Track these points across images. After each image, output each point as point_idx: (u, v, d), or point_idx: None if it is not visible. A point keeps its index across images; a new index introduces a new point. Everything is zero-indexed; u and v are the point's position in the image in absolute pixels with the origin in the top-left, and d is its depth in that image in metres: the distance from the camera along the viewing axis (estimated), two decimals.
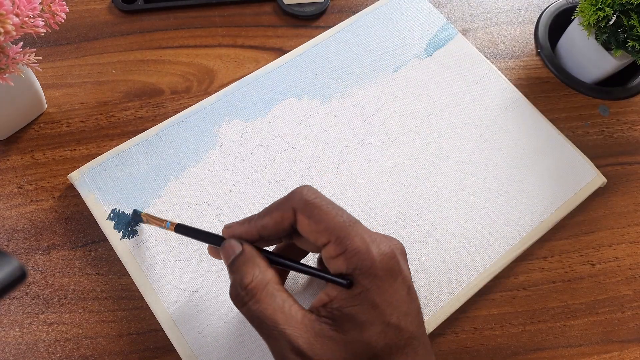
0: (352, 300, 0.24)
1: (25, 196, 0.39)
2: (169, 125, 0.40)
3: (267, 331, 0.24)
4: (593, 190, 0.41)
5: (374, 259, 0.24)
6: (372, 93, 0.43)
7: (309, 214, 0.26)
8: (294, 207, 0.26)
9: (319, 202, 0.26)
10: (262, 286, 0.25)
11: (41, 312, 0.35)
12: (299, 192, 0.27)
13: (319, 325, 0.24)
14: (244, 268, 0.26)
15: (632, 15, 0.40)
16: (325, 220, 0.25)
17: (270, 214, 0.27)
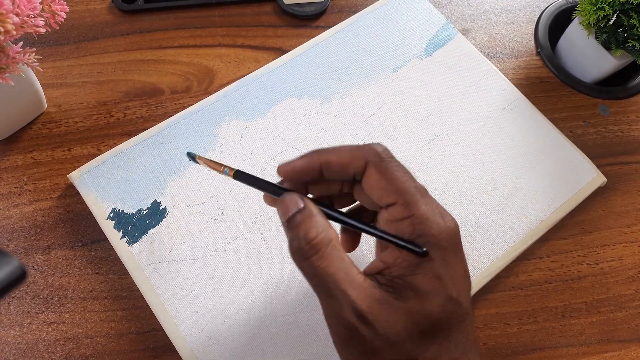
0: (415, 269, 0.23)
1: (26, 196, 0.39)
2: (169, 125, 0.40)
3: (327, 289, 0.23)
4: (593, 190, 0.41)
5: (442, 230, 0.24)
6: (372, 93, 0.43)
7: (382, 170, 0.25)
8: (367, 158, 0.25)
9: (392, 162, 0.25)
10: (326, 242, 0.24)
11: (41, 311, 0.35)
12: (373, 146, 0.25)
13: (380, 292, 0.23)
14: (308, 222, 0.24)
15: (632, 15, 0.40)
16: (397, 181, 0.24)
17: (338, 153, 0.26)
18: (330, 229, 0.25)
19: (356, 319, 0.23)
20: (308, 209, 0.25)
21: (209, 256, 0.36)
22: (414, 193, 0.24)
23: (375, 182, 0.25)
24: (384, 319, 0.23)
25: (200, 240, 0.36)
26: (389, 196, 0.25)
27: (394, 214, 0.25)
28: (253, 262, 0.36)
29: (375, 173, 0.25)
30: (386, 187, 0.25)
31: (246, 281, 0.35)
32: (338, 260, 0.24)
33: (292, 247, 0.24)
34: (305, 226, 0.24)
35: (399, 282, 0.23)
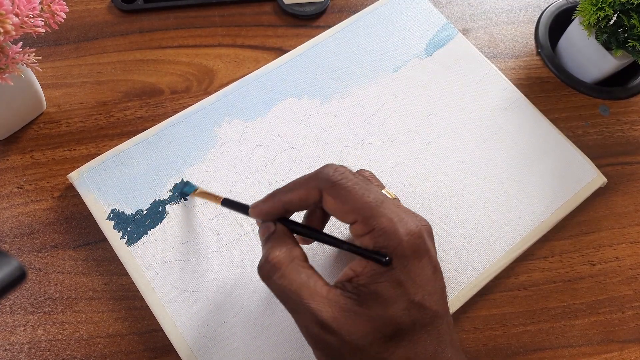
0: (378, 277, 0.24)
1: (25, 196, 0.39)
2: (168, 125, 0.40)
3: (292, 305, 0.25)
4: (593, 190, 0.41)
5: (401, 239, 0.24)
6: (372, 93, 0.43)
7: (334, 194, 0.26)
8: (319, 187, 0.26)
9: (344, 183, 0.26)
10: (287, 262, 0.25)
11: (41, 312, 0.35)
12: (324, 172, 0.27)
13: (344, 300, 0.24)
14: (273, 244, 0.26)
15: (633, 15, 0.40)
16: (352, 201, 0.25)
17: (294, 191, 0.27)
18: (294, 249, 0.26)
19: (320, 330, 0.24)
20: (277, 230, 0.27)
21: (208, 257, 0.36)
22: (370, 208, 0.25)
23: (332, 205, 0.26)
24: (348, 327, 0.24)
25: (200, 241, 0.36)
26: (348, 216, 0.26)
27: (357, 230, 0.26)
28: (253, 263, 0.36)
29: (330, 198, 0.26)
30: (343, 209, 0.26)
31: (246, 282, 0.35)
32: (300, 276, 0.25)
33: (258, 268, 0.27)
34: (269, 247, 0.26)
35: (363, 290, 0.24)
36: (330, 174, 0.26)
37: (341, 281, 0.26)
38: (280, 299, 0.26)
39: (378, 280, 0.24)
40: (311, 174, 0.27)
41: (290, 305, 0.25)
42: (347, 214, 0.26)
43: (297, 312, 0.25)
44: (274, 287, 0.26)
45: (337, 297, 0.24)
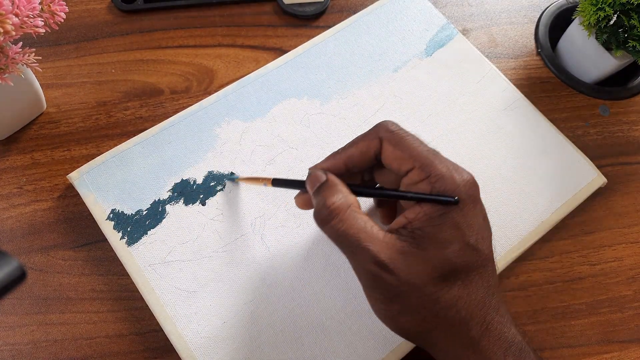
0: (434, 220, 0.26)
1: (25, 196, 0.39)
2: (168, 125, 0.40)
3: (350, 248, 0.26)
4: (593, 191, 0.41)
5: (458, 184, 0.26)
6: (372, 93, 0.43)
7: (394, 142, 0.28)
8: (380, 137, 0.28)
9: (403, 133, 0.28)
10: (345, 207, 0.26)
11: (41, 312, 0.35)
12: (383, 124, 0.29)
13: (400, 243, 0.26)
14: (328, 192, 0.27)
15: (633, 15, 0.40)
16: (410, 149, 0.27)
17: (356, 145, 0.29)
18: (349, 196, 0.27)
19: (379, 269, 0.25)
20: (330, 180, 0.28)
21: (208, 257, 0.36)
22: (427, 156, 0.27)
23: (391, 154, 0.28)
24: (405, 266, 0.25)
25: (200, 241, 0.36)
26: (405, 163, 0.27)
27: (412, 178, 0.27)
28: (253, 263, 0.36)
29: (390, 146, 0.28)
30: (401, 156, 0.27)
31: (246, 282, 0.35)
32: (357, 221, 0.26)
33: (315, 215, 0.27)
34: (325, 195, 0.27)
35: (419, 234, 0.26)
36: (389, 125, 0.28)
37: (394, 228, 0.27)
38: (338, 243, 0.27)
39: (434, 223, 0.26)
40: (369, 129, 0.29)
41: (348, 248, 0.26)
42: (405, 161, 0.27)
43: (355, 254, 0.26)
44: (331, 232, 0.26)
45: (393, 241, 0.26)
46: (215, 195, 0.38)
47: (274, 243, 0.36)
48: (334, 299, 0.35)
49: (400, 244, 0.26)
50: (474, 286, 0.26)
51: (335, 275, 0.36)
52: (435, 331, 0.26)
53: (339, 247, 0.27)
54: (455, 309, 0.26)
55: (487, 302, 0.26)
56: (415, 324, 0.26)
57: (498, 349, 0.26)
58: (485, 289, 0.26)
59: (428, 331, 0.26)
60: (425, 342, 0.27)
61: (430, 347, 0.28)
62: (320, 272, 0.36)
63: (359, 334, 0.34)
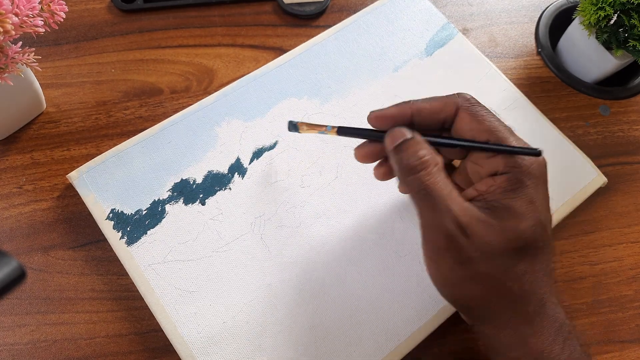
0: (510, 193, 0.26)
1: (24, 196, 0.39)
2: (168, 125, 0.40)
3: (432, 202, 0.26)
4: (594, 190, 0.41)
5: (532, 161, 0.26)
6: (372, 93, 0.43)
7: (473, 112, 0.28)
8: (457, 104, 0.28)
9: (481, 105, 0.28)
10: (434, 163, 0.26)
11: (40, 312, 0.35)
12: (462, 94, 0.29)
13: (479, 212, 0.26)
14: (416, 147, 0.27)
15: (633, 15, 0.40)
16: (487, 122, 0.27)
17: (430, 101, 0.29)
18: (437, 155, 0.27)
19: (457, 230, 0.25)
20: (416, 137, 0.28)
21: (208, 257, 0.36)
22: (503, 130, 0.27)
23: (467, 124, 0.28)
24: (482, 233, 0.25)
25: (200, 241, 0.36)
26: (481, 135, 0.27)
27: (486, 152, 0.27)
28: (252, 263, 0.36)
29: (467, 116, 0.28)
30: (478, 128, 0.27)
31: (245, 282, 0.35)
32: (443, 180, 0.26)
33: (402, 165, 0.27)
34: (416, 148, 0.27)
35: (495, 205, 0.26)
36: (469, 96, 0.29)
37: (467, 199, 0.27)
38: (420, 195, 0.26)
39: (511, 197, 0.26)
40: (447, 95, 0.29)
41: (429, 202, 0.26)
42: (482, 132, 0.27)
43: (436, 210, 0.26)
44: (417, 183, 0.26)
45: (472, 208, 0.26)
46: (215, 194, 0.38)
47: (274, 243, 0.36)
48: (334, 299, 0.35)
49: (478, 212, 0.26)
50: (539, 263, 0.26)
51: (336, 275, 0.36)
52: (496, 303, 0.27)
53: (417, 201, 0.27)
54: (520, 282, 0.26)
55: (546, 282, 0.27)
56: (480, 293, 0.27)
57: (551, 327, 0.26)
58: (545, 270, 0.27)
59: (489, 302, 0.27)
60: (481, 314, 0.28)
61: (484, 320, 0.28)
62: (321, 272, 0.36)
63: (359, 334, 0.34)
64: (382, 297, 0.35)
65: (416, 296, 0.35)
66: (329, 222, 0.37)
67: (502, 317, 0.27)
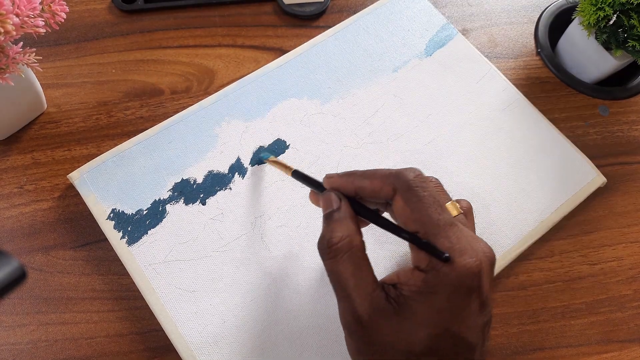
0: (420, 297, 0.24)
1: (25, 196, 0.39)
2: (168, 125, 0.40)
3: (338, 290, 0.26)
4: (593, 190, 0.41)
5: (455, 270, 0.24)
6: (372, 93, 0.43)
7: (407, 198, 0.26)
8: (395, 187, 0.26)
9: (420, 192, 0.26)
10: (346, 249, 0.26)
11: (41, 312, 0.35)
12: (405, 174, 0.27)
13: (384, 304, 0.25)
14: (336, 225, 0.27)
15: (632, 15, 0.40)
16: (422, 211, 0.25)
17: (371, 180, 0.27)
18: (356, 235, 0.26)
19: (354, 321, 0.25)
20: (342, 210, 0.27)
21: (208, 256, 0.36)
22: (436, 226, 0.25)
23: (400, 209, 0.26)
24: (379, 328, 0.25)
25: (200, 241, 0.36)
26: (412, 225, 0.26)
27: None
28: (253, 263, 0.36)
29: (401, 201, 0.26)
30: (410, 216, 0.25)
31: (246, 282, 0.35)
32: (352, 268, 0.25)
33: (318, 245, 0.27)
34: (332, 228, 0.26)
35: (402, 302, 0.25)
36: (411, 178, 0.26)
37: (387, 283, 0.26)
38: (330, 280, 0.27)
39: (419, 300, 0.24)
40: (392, 170, 0.27)
41: (335, 289, 0.26)
42: (413, 222, 0.25)
43: (340, 298, 0.26)
44: (328, 268, 0.27)
45: (379, 299, 0.25)
46: (216, 194, 0.38)
47: (274, 243, 0.36)
48: (334, 299, 0.35)
49: (383, 304, 0.25)
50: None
51: None
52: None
53: (330, 283, 0.27)
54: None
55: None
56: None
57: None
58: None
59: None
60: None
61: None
62: (320, 272, 0.36)
63: None
64: None
65: None
66: None
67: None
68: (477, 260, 0.24)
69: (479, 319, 0.25)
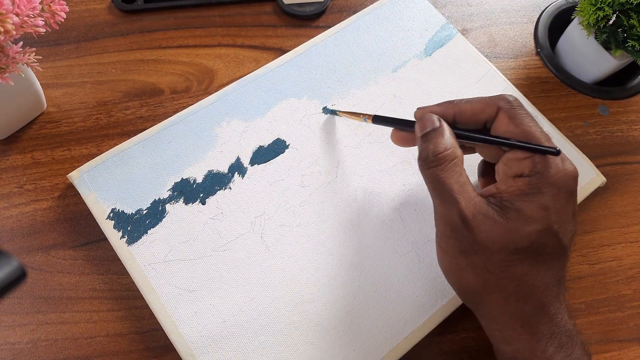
0: (525, 196, 0.27)
1: (25, 196, 0.39)
2: (168, 125, 0.40)
3: (442, 195, 0.28)
4: (592, 190, 0.41)
5: (558, 171, 0.27)
6: (372, 93, 0.43)
7: (512, 115, 0.28)
8: (499, 106, 0.29)
9: (521, 109, 0.29)
10: (451, 157, 0.28)
11: (41, 311, 0.35)
12: (505, 96, 0.29)
13: (487, 207, 0.27)
14: (439, 140, 0.28)
15: (632, 15, 0.40)
16: (524, 125, 0.28)
17: (471, 103, 0.30)
18: (457, 149, 0.28)
19: (460, 222, 0.27)
20: (442, 127, 0.29)
21: (208, 256, 0.36)
22: (539, 137, 0.28)
23: (503, 125, 0.29)
24: (484, 229, 0.26)
25: (200, 240, 0.36)
26: (515, 137, 0.28)
27: (517, 154, 0.28)
28: (252, 262, 0.36)
29: (506, 118, 0.29)
30: (514, 130, 0.28)
31: (246, 281, 0.35)
32: (457, 175, 0.28)
33: (421, 157, 0.29)
34: (436, 142, 0.28)
35: (507, 205, 0.27)
36: (509, 97, 0.29)
37: (484, 195, 0.28)
38: (433, 187, 0.28)
39: (525, 199, 0.26)
40: (490, 96, 0.30)
41: (440, 194, 0.28)
42: (517, 135, 0.28)
43: (445, 202, 0.28)
44: (431, 176, 0.28)
45: (481, 203, 0.27)
46: (215, 194, 0.38)
47: (274, 242, 0.36)
48: (334, 299, 0.35)
49: (486, 208, 0.27)
50: (543, 269, 0.27)
51: (335, 275, 0.36)
52: (493, 295, 0.27)
53: (431, 192, 0.29)
54: (518, 282, 0.27)
55: (550, 287, 0.27)
56: (475, 284, 0.28)
57: (546, 329, 0.27)
58: (552, 276, 0.27)
59: (486, 293, 0.28)
60: (478, 304, 0.29)
61: (480, 309, 0.29)
62: (320, 272, 0.36)
63: (359, 334, 0.34)
64: (382, 296, 0.35)
65: (416, 295, 0.35)
66: (328, 221, 0.37)
67: (493, 312, 0.28)
68: (574, 168, 0.28)
69: (571, 226, 0.28)
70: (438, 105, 0.31)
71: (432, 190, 0.29)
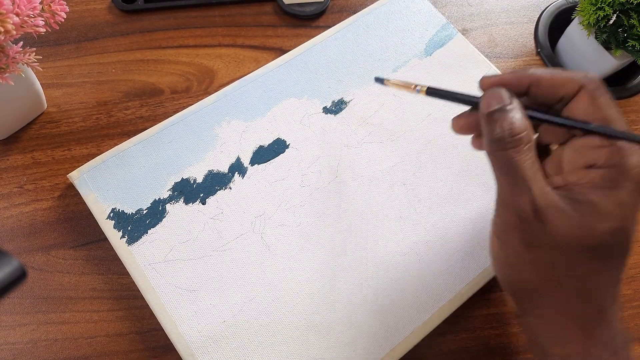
0: (600, 190, 0.24)
1: (25, 196, 0.39)
2: (168, 124, 0.40)
3: (515, 179, 0.25)
4: None
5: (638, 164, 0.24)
6: (372, 93, 0.43)
7: (594, 95, 0.25)
8: (582, 83, 0.25)
9: (606, 93, 0.25)
10: (527, 140, 0.25)
11: (41, 311, 0.35)
12: (591, 75, 0.26)
13: (559, 199, 0.24)
14: (514, 118, 0.25)
15: (632, 15, 0.40)
16: (606, 110, 0.25)
17: (552, 73, 0.26)
18: (531, 131, 0.25)
19: (531, 212, 0.24)
20: (515, 103, 0.25)
21: (208, 256, 0.36)
22: (621, 125, 0.25)
23: (583, 107, 0.25)
24: (556, 222, 0.24)
25: (200, 240, 0.36)
26: (594, 121, 0.25)
27: (592, 141, 0.25)
28: (252, 262, 0.36)
29: (587, 98, 0.25)
30: (594, 114, 0.25)
31: (246, 281, 0.35)
32: (531, 160, 0.25)
33: (494, 135, 0.25)
34: (512, 120, 0.25)
35: (579, 199, 0.24)
36: (596, 79, 0.26)
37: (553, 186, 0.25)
38: (504, 169, 0.25)
39: (599, 194, 0.24)
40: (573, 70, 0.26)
41: (512, 178, 0.25)
42: (596, 120, 0.25)
43: (515, 188, 0.25)
44: (503, 158, 0.25)
45: (553, 195, 0.24)
46: (216, 194, 0.38)
47: (274, 242, 0.36)
48: (334, 298, 0.35)
49: (559, 200, 0.24)
50: (608, 269, 0.25)
51: (335, 275, 0.36)
52: (554, 294, 0.25)
53: (499, 178, 0.26)
54: (582, 281, 0.25)
55: (611, 290, 0.25)
56: (537, 279, 0.25)
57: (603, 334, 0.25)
58: (614, 277, 0.26)
59: (546, 291, 0.26)
60: (532, 301, 0.27)
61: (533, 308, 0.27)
62: (320, 272, 0.36)
63: (359, 333, 0.34)
64: (382, 296, 0.35)
65: (416, 295, 0.35)
66: (328, 221, 0.37)
67: (551, 311, 0.26)
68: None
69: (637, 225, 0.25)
70: (511, 73, 0.27)
71: (503, 175, 0.25)
